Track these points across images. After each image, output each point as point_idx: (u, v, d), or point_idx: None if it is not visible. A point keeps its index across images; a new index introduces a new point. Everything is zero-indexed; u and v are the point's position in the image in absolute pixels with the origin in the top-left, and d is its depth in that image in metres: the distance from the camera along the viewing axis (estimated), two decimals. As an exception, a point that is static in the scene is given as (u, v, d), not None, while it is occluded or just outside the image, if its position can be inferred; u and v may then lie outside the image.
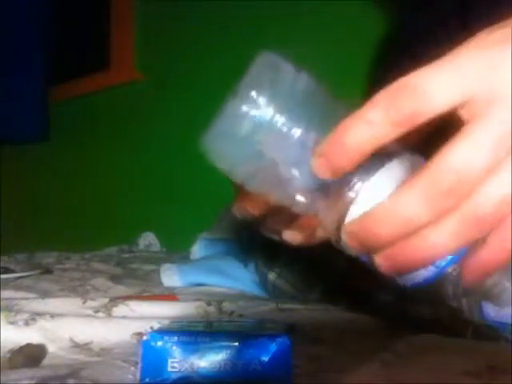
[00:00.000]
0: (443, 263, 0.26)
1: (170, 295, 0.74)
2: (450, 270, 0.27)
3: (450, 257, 0.26)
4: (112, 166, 1.87)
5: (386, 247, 0.25)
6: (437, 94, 0.23)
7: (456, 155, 0.23)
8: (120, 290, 0.79)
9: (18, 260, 1.11)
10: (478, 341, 0.46)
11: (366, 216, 0.25)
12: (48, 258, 1.20)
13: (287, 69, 0.26)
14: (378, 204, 0.24)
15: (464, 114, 0.24)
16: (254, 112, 0.24)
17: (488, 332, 0.47)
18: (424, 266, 0.25)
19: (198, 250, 1.08)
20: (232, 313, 0.59)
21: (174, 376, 0.33)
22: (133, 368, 0.40)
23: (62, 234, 1.87)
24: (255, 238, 0.88)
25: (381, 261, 0.25)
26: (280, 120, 0.25)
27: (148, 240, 1.53)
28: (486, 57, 0.23)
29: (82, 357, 0.45)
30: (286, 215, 0.28)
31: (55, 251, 1.30)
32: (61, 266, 1.06)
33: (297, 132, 0.25)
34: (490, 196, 0.23)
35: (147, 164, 1.77)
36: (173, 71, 1.64)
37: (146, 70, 1.78)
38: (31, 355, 0.43)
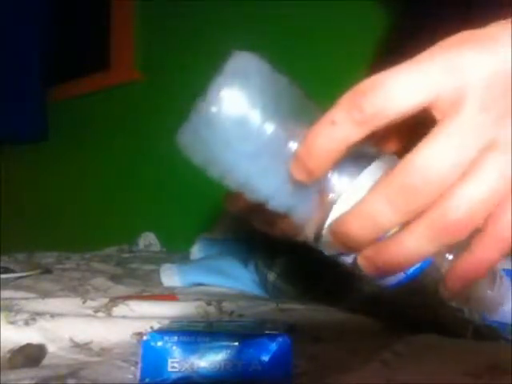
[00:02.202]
0: (411, 269, 0.26)
1: (170, 295, 0.74)
2: (425, 273, 0.27)
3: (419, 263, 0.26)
4: (112, 165, 1.87)
5: (366, 249, 0.25)
6: (400, 94, 0.23)
7: (421, 156, 0.23)
8: (120, 289, 0.79)
9: (17, 260, 1.11)
10: (478, 341, 0.46)
11: (341, 217, 0.25)
12: (48, 258, 1.20)
13: (261, 67, 0.26)
14: (352, 205, 0.25)
15: (436, 114, 0.24)
16: (224, 111, 0.25)
17: (488, 332, 0.47)
18: (402, 269, 0.26)
19: (197, 250, 1.08)
20: (232, 313, 0.59)
21: (174, 376, 0.33)
22: (133, 368, 0.40)
23: (62, 233, 1.88)
24: (255, 238, 0.88)
25: (362, 262, 0.26)
26: (251, 117, 0.25)
27: (148, 240, 1.53)
28: (450, 57, 0.23)
29: (81, 357, 0.45)
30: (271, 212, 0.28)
31: (55, 251, 1.30)
32: (61, 266, 1.06)
33: (269, 128, 0.25)
34: (462, 199, 0.23)
35: (147, 164, 1.77)
36: (173, 71, 1.64)
37: (146, 70, 1.78)
38: (31, 355, 0.43)
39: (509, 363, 0.37)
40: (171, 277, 0.88)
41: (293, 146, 0.25)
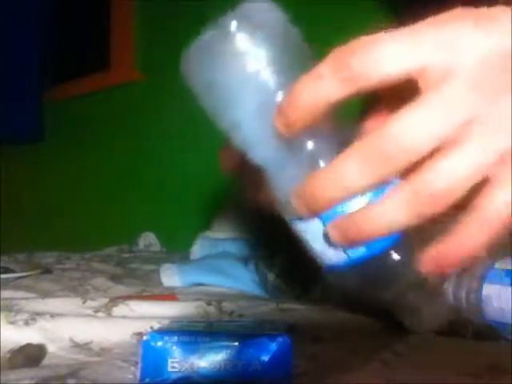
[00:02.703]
0: (355, 253, 0.26)
1: (170, 295, 0.74)
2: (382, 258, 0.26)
3: (363, 249, 0.26)
4: (112, 165, 1.87)
5: (335, 218, 0.25)
6: (389, 58, 0.23)
7: (398, 123, 0.23)
8: (120, 289, 0.79)
9: (17, 260, 1.11)
10: (478, 341, 0.46)
11: (310, 179, 0.25)
12: (48, 258, 1.20)
13: (276, 14, 0.26)
14: (322, 167, 0.25)
15: (422, 85, 0.24)
16: (230, 42, 0.25)
17: (488, 332, 0.47)
18: (371, 238, 0.25)
19: (197, 249, 1.08)
20: (232, 313, 0.59)
21: (174, 376, 0.33)
22: (133, 368, 0.40)
23: (62, 234, 1.87)
24: (255, 238, 0.88)
25: (331, 230, 0.25)
26: (256, 56, 0.25)
27: (148, 240, 1.53)
28: (445, 30, 0.23)
29: (81, 357, 0.45)
30: (260, 175, 0.28)
31: (55, 251, 1.30)
32: (61, 266, 1.06)
33: (265, 72, 0.25)
34: (442, 172, 0.23)
35: (147, 164, 1.77)
36: (173, 71, 1.63)
37: (146, 70, 1.78)
38: (31, 355, 0.43)
39: (509, 363, 0.37)
40: (171, 277, 0.88)
41: (281, 97, 0.25)
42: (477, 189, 0.24)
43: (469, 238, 0.24)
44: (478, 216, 0.24)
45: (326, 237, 0.26)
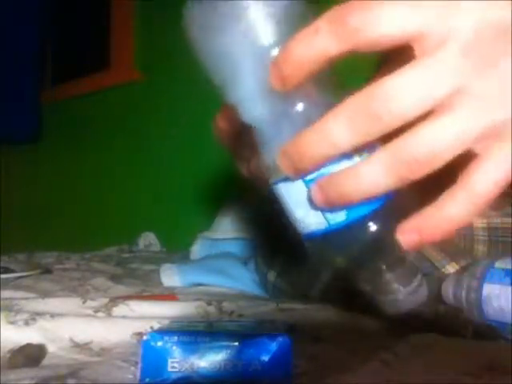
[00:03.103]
0: (334, 220, 0.26)
1: (170, 295, 0.74)
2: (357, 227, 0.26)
3: (342, 215, 0.25)
4: (112, 165, 1.87)
5: (319, 178, 0.25)
6: (387, 18, 0.23)
7: (388, 83, 0.23)
8: (120, 289, 0.79)
9: (18, 260, 1.11)
10: (478, 341, 0.46)
11: (297, 136, 0.24)
12: (48, 258, 1.20)
13: None
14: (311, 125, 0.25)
15: (417, 50, 0.24)
16: None
17: (488, 332, 0.47)
18: (353, 201, 0.24)
19: (197, 249, 1.08)
20: (232, 313, 0.59)
21: (174, 376, 0.33)
22: (133, 368, 0.40)
23: (62, 233, 1.88)
24: (255, 238, 0.88)
25: (314, 190, 0.25)
26: (250, 10, 0.25)
27: (148, 240, 1.53)
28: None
29: (81, 357, 0.45)
30: (253, 140, 0.28)
31: (55, 251, 1.30)
32: (61, 266, 1.06)
33: (261, 27, 0.25)
34: (426, 136, 0.23)
35: (147, 164, 1.77)
36: (173, 71, 1.64)
37: (146, 70, 1.78)
38: (31, 355, 0.43)
39: (509, 363, 0.37)
40: (171, 277, 0.88)
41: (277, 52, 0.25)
42: (464, 163, 0.24)
43: (454, 208, 0.24)
44: (465, 189, 0.24)
45: (309, 200, 0.26)
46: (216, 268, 0.89)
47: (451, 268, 0.55)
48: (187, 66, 0.28)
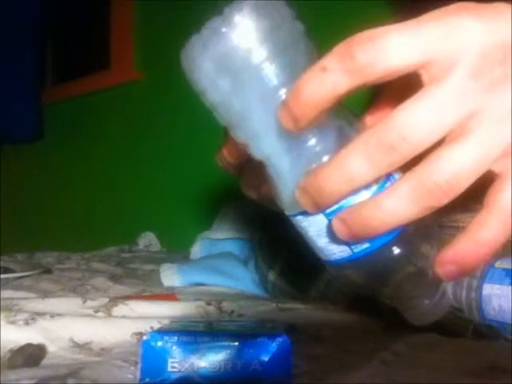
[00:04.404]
0: (358, 248, 0.26)
1: (169, 295, 0.74)
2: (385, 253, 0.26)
3: (366, 244, 0.25)
4: (112, 165, 1.87)
5: (343, 210, 0.25)
6: (394, 50, 0.23)
7: (401, 114, 0.23)
8: (120, 289, 0.79)
9: (18, 260, 1.11)
10: (478, 341, 0.46)
11: (315, 173, 0.25)
12: (48, 258, 1.20)
13: (283, 10, 0.26)
14: (327, 160, 0.25)
15: (426, 78, 0.24)
16: (232, 35, 0.25)
17: (488, 332, 0.47)
18: (377, 233, 0.24)
19: (198, 249, 1.08)
20: (232, 313, 0.59)
21: (173, 376, 0.33)
22: (133, 368, 0.40)
23: (62, 234, 1.88)
24: (255, 238, 0.88)
25: (337, 224, 0.25)
26: (258, 50, 0.25)
27: (148, 240, 1.53)
28: (449, 23, 0.23)
29: (81, 357, 0.45)
30: (261, 168, 0.28)
31: (55, 251, 1.30)
32: (61, 266, 1.06)
33: (268, 68, 0.25)
34: (447, 162, 0.23)
35: (147, 164, 1.77)
36: (173, 71, 1.63)
37: (146, 70, 1.78)
38: (31, 355, 0.43)
39: (509, 363, 0.37)
40: (171, 277, 0.88)
41: (285, 91, 0.25)
42: (484, 184, 0.24)
43: (489, 233, 0.24)
44: (493, 210, 0.24)
45: (330, 232, 0.26)
46: (216, 268, 0.89)
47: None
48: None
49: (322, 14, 1.28)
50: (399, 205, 0.23)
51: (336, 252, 0.27)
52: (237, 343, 0.33)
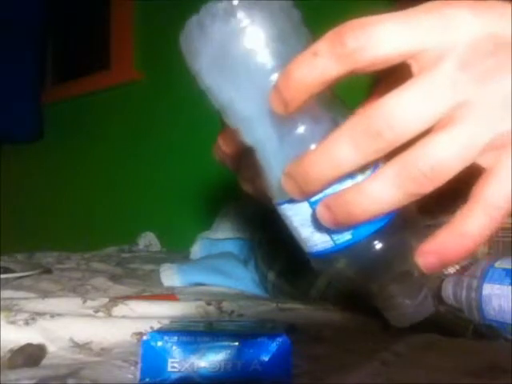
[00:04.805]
0: (340, 240, 0.26)
1: (169, 295, 0.74)
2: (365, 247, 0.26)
3: (348, 235, 0.25)
4: (112, 165, 1.88)
5: (327, 196, 0.25)
6: (385, 38, 0.23)
7: (389, 102, 0.23)
8: (120, 289, 0.79)
9: (18, 260, 1.11)
10: (478, 341, 0.46)
11: (301, 159, 0.24)
12: (48, 258, 1.21)
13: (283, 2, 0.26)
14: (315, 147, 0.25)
15: (414, 66, 0.24)
16: (228, 19, 0.25)
17: (488, 332, 0.47)
18: (361, 220, 0.24)
19: (198, 249, 1.08)
20: (232, 313, 0.59)
21: (173, 376, 0.33)
22: (133, 368, 0.40)
23: (62, 234, 1.88)
24: (255, 238, 0.88)
25: (321, 211, 0.25)
26: (250, 34, 0.25)
27: (148, 240, 1.53)
28: (443, 14, 0.23)
29: (81, 357, 0.45)
30: (256, 161, 0.28)
31: (55, 251, 1.30)
32: (61, 266, 1.06)
33: (262, 52, 0.25)
34: (433, 150, 0.23)
35: (147, 164, 1.77)
36: (173, 71, 1.64)
37: (146, 70, 1.78)
38: (31, 355, 0.43)
39: (509, 363, 0.37)
40: (171, 277, 0.88)
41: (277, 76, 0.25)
42: (470, 177, 0.24)
43: (473, 226, 0.24)
44: (480, 203, 0.24)
45: (314, 221, 0.26)
46: (216, 268, 0.89)
47: (451, 268, 0.55)
48: (187, 66, 0.28)
49: (322, 13, 1.28)
50: (383, 190, 0.23)
51: (318, 243, 0.27)
52: (237, 343, 0.33)
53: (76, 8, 2.06)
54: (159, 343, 0.33)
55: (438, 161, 0.23)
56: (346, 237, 0.26)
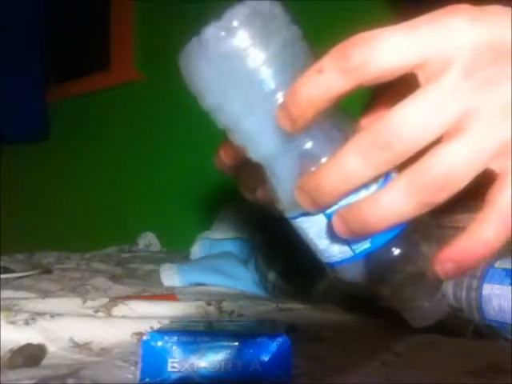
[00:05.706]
0: (359, 249, 0.26)
1: (169, 295, 0.74)
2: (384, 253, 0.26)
3: (367, 243, 0.26)
4: (112, 165, 1.87)
5: (342, 207, 0.25)
6: (390, 50, 0.23)
7: (396, 113, 0.23)
8: (120, 289, 0.79)
9: (18, 260, 1.11)
10: (478, 341, 0.46)
11: (313, 173, 0.25)
12: (48, 258, 1.21)
13: (280, 15, 0.26)
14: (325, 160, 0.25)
15: (421, 78, 0.24)
16: (229, 39, 0.25)
17: (488, 332, 0.47)
18: (376, 230, 0.25)
19: (198, 250, 1.08)
20: (232, 313, 0.59)
21: (173, 376, 0.33)
22: (133, 368, 0.40)
23: (62, 234, 1.87)
24: (255, 238, 0.88)
25: (336, 221, 0.25)
26: (254, 54, 0.25)
27: (148, 240, 1.53)
28: (444, 24, 0.24)
29: (81, 357, 0.45)
30: (259, 170, 0.29)
31: (55, 251, 1.30)
32: (61, 266, 1.06)
33: (266, 72, 0.25)
34: (443, 158, 0.23)
35: (147, 164, 1.77)
36: (173, 71, 1.63)
37: (146, 70, 1.78)
38: (31, 355, 0.43)
39: (509, 363, 0.37)
40: (171, 277, 0.88)
41: (282, 93, 0.25)
42: (485, 184, 0.24)
43: (489, 232, 0.24)
44: (493, 210, 0.24)
45: (331, 232, 0.26)
46: (216, 268, 0.89)
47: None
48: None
49: (321, 16, 1.28)
50: (397, 200, 0.24)
51: (337, 254, 0.27)
52: (237, 343, 0.33)
53: (76, 8, 2.06)
54: (159, 343, 0.34)
55: (450, 169, 0.23)
56: (364, 245, 0.26)
